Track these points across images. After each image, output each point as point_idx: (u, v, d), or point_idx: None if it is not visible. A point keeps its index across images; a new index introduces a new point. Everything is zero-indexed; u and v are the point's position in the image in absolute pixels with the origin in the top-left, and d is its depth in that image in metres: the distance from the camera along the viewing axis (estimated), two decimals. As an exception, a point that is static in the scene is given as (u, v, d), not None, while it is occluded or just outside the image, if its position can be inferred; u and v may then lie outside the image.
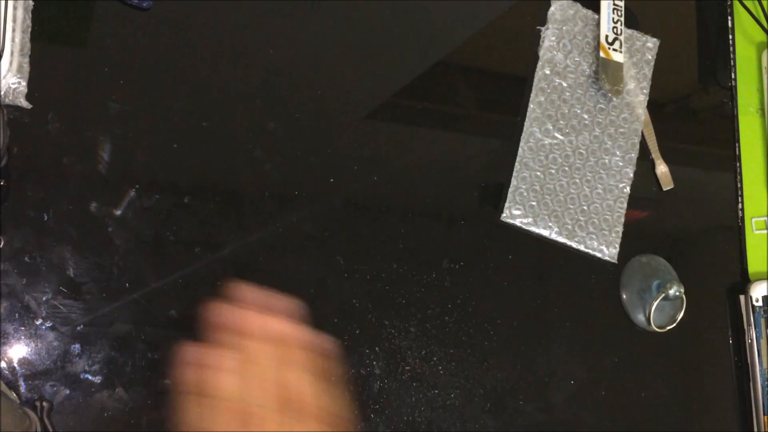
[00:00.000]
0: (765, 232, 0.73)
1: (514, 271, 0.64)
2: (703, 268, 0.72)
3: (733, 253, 0.72)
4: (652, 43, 0.71)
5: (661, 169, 0.70)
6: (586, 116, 0.68)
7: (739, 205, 0.74)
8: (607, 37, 0.68)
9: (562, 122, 0.67)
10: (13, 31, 0.52)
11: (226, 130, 0.58)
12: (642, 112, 0.69)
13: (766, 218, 0.73)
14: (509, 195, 0.65)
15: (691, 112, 0.75)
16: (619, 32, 0.69)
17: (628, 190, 0.68)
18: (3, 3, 0.51)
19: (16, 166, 0.52)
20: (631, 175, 0.68)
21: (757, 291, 0.70)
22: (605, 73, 0.67)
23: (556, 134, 0.66)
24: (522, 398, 0.62)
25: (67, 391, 0.51)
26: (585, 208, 0.66)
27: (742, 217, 0.73)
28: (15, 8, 0.52)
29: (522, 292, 0.64)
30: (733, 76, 0.77)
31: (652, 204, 0.71)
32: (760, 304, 0.69)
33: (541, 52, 0.68)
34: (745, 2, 0.76)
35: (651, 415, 0.66)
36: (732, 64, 0.77)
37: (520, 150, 0.66)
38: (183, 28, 0.59)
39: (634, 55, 0.71)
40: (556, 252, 0.66)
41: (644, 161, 0.70)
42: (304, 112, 0.61)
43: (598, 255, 0.66)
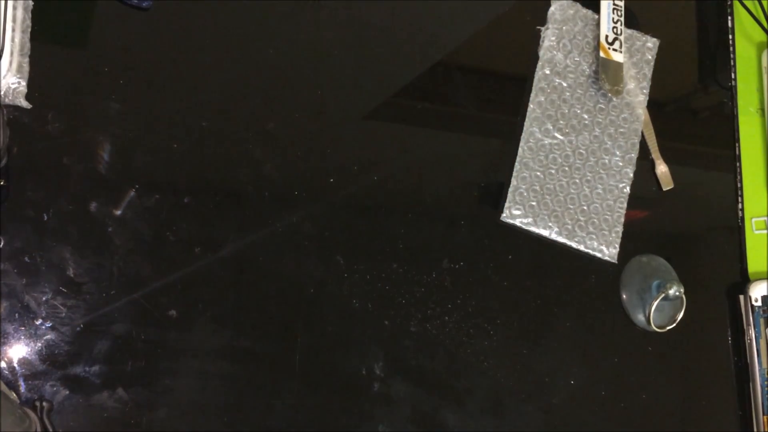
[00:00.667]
0: (765, 232, 0.73)
1: (514, 271, 0.64)
2: (703, 268, 0.72)
3: (733, 253, 0.72)
4: (652, 43, 0.71)
5: (661, 169, 0.70)
6: (586, 116, 0.68)
7: (739, 205, 0.74)
8: (607, 37, 0.68)
9: (562, 122, 0.67)
10: (13, 30, 0.52)
11: (226, 130, 0.58)
12: (642, 112, 0.69)
13: (766, 218, 0.73)
14: (509, 195, 0.65)
15: (691, 112, 0.75)
16: (619, 32, 0.69)
17: (628, 190, 0.68)
18: (3, 3, 0.51)
19: (16, 166, 0.52)
20: (631, 175, 0.68)
21: (757, 291, 0.70)
22: (605, 73, 0.67)
23: (556, 134, 0.66)
24: (522, 398, 0.62)
25: (67, 392, 0.51)
26: (585, 208, 0.66)
27: (742, 217, 0.73)
28: (15, 8, 0.52)
29: (522, 292, 0.64)
30: (733, 76, 0.77)
31: (651, 204, 0.71)
32: (760, 304, 0.69)
33: (541, 52, 0.68)
34: (745, 2, 0.76)
35: (651, 415, 0.66)
36: (732, 64, 0.77)
37: (520, 150, 0.66)
38: (183, 28, 0.59)
39: (634, 55, 0.71)
40: (556, 252, 0.66)
41: (644, 161, 0.70)
42: (304, 112, 0.61)
43: (598, 255, 0.66)
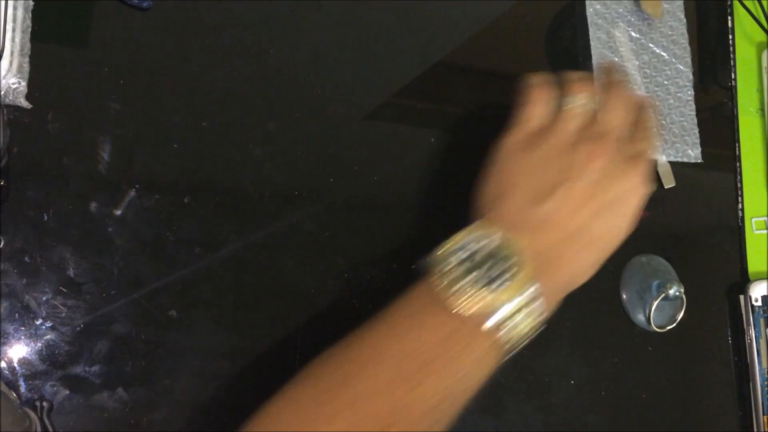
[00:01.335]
0: (765, 232, 0.73)
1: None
2: (703, 268, 0.72)
3: (733, 253, 0.72)
4: None
5: (664, 166, 0.70)
6: (641, 37, 0.71)
7: (739, 205, 0.74)
8: None
9: (622, 49, 0.70)
10: (13, 31, 0.52)
11: (226, 130, 0.58)
12: (683, 17, 0.73)
13: (766, 218, 0.73)
14: None
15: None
16: None
17: (692, 92, 0.72)
18: (3, 3, 0.51)
19: (16, 166, 0.52)
20: (691, 76, 0.72)
21: (757, 291, 0.70)
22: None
23: (623, 63, 0.70)
24: (522, 398, 0.62)
25: (68, 392, 0.51)
26: (663, 122, 0.70)
27: (742, 217, 0.73)
28: (15, 8, 0.52)
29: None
30: (733, 76, 0.76)
31: (651, 203, 0.71)
32: (760, 304, 0.69)
33: None
34: (745, 2, 0.76)
35: (651, 415, 0.66)
36: (732, 64, 0.77)
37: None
38: (183, 28, 0.59)
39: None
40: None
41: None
42: (305, 112, 0.61)
43: (685, 159, 0.70)
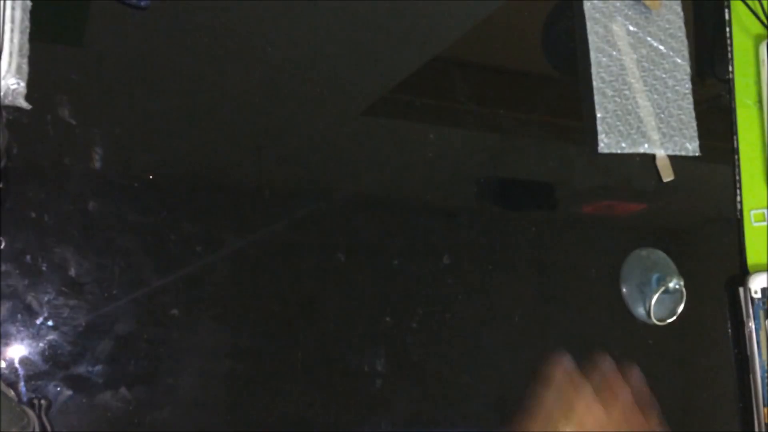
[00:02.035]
0: (764, 224, 0.73)
1: (514, 267, 0.64)
2: (702, 261, 0.72)
3: (732, 246, 0.72)
4: None
5: (662, 159, 0.70)
6: (638, 30, 0.71)
7: (738, 198, 0.74)
8: None
9: (620, 43, 0.70)
10: (12, 31, 0.52)
11: (226, 129, 0.58)
12: (680, 11, 0.73)
13: (764, 210, 0.74)
14: (599, 127, 0.68)
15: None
16: None
17: (689, 85, 0.72)
18: (1, 4, 0.51)
19: (17, 167, 0.52)
20: (688, 69, 0.72)
21: (756, 283, 0.70)
22: None
23: (621, 57, 0.70)
24: (523, 394, 0.63)
25: (71, 392, 0.51)
26: (662, 115, 0.70)
27: (741, 210, 0.73)
28: (13, 9, 0.52)
29: (522, 287, 0.64)
30: (731, 69, 0.77)
31: (650, 197, 0.71)
32: (759, 296, 0.70)
33: None
34: (742, -6, 0.76)
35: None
36: (729, 56, 0.77)
37: (595, 83, 0.69)
38: (181, 27, 0.59)
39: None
40: (556, 248, 0.66)
41: (645, 156, 0.70)
42: (303, 109, 0.61)
43: (683, 153, 0.70)
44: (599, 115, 0.69)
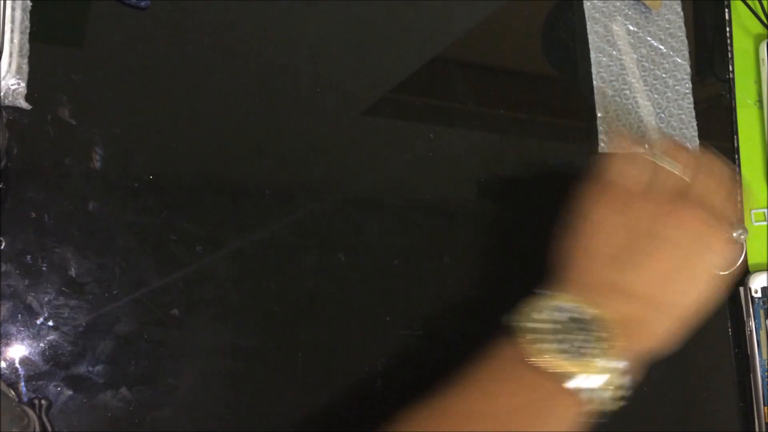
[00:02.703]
0: (764, 223, 0.73)
1: (515, 266, 0.64)
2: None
3: (733, 245, 0.72)
4: None
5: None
6: (638, 30, 0.71)
7: (738, 197, 0.74)
8: None
9: (620, 42, 0.70)
10: (12, 32, 0.52)
11: (225, 129, 0.58)
12: (680, 10, 0.73)
13: (765, 210, 0.74)
14: (599, 128, 0.68)
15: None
16: None
17: (690, 84, 0.72)
18: (1, 4, 0.51)
19: (17, 168, 0.52)
20: (689, 69, 0.72)
21: (757, 282, 0.70)
22: None
23: (621, 56, 0.70)
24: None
25: (71, 392, 0.51)
26: (662, 115, 0.70)
27: (741, 209, 0.73)
28: (13, 9, 0.52)
29: (522, 287, 0.64)
30: (731, 68, 0.77)
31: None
32: (760, 295, 0.70)
33: None
34: (743, -6, 0.76)
35: (651, 407, 0.66)
36: (729, 56, 0.77)
37: (595, 83, 0.69)
38: (181, 27, 0.59)
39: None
40: (556, 248, 0.66)
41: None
42: (303, 109, 0.61)
43: None
44: (599, 114, 0.69)
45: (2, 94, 0.51)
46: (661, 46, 0.71)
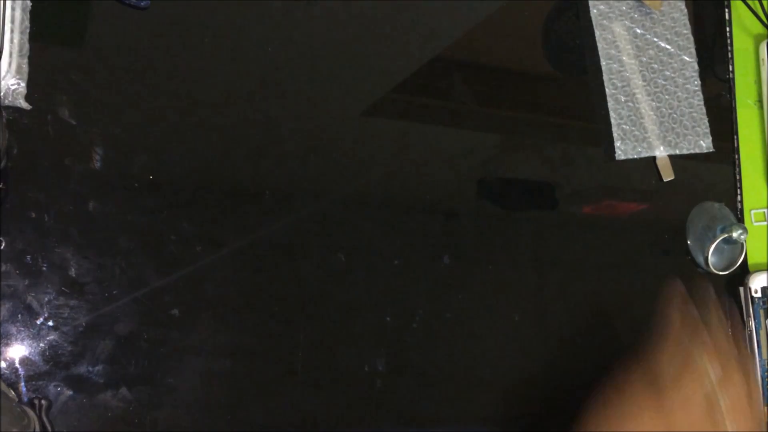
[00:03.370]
0: (764, 223, 0.73)
1: (515, 267, 0.64)
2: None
3: (732, 245, 0.72)
4: None
5: (662, 159, 0.70)
6: (645, 32, 0.71)
7: (738, 197, 0.74)
8: None
9: (629, 47, 0.70)
10: (12, 32, 0.52)
11: (225, 129, 0.58)
12: (684, 8, 0.73)
13: (765, 210, 0.74)
14: (614, 134, 0.68)
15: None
16: None
17: (698, 81, 0.72)
18: (1, 4, 0.51)
19: (17, 168, 0.52)
20: (696, 66, 0.72)
21: (756, 282, 0.70)
22: None
23: (630, 60, 0.70)
24: (524, 392, 0.63)
25: (71, 392, 0.51)
26: (674, 115, 0.70)
27: (741, 209, 0.73)
28: (13, 9, 0.52)
29: (522, 287, 0.64)
30: (731, 68, 0.77)
31: (651, 196, 0.71)
32: (760, 295, 0.70)
33: None
34: (743, -6, 0.76)
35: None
36: (729, 56, 0.77)
37: (607, 90, 0.69)
38: (181, 27, 0.59)
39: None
40: (556, 248, 0.66)
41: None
42: (303, 110, 0.61)
43: (697, 150, 0.70)
44: (614, 122, 0.69)
45: (2, 94, 0.51)
46: (668, 46, 0.71)
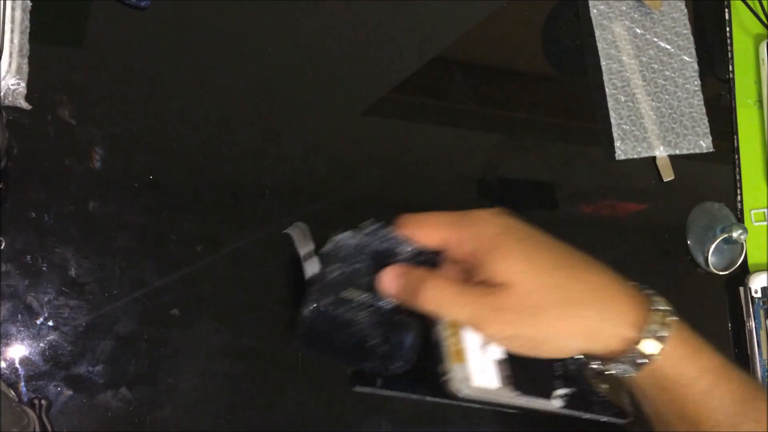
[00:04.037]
0: (764, 224, 0.73)
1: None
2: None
3: (732, 245, 0.72)
4: None
5: (662, 159, 0.70)
6: (645, 32, 0.71)
7: (738, 197, 0.74)
8: None
9: (629, 47, 0.70)
10: (12, 32, 0.52)
11: (225, 129, 0.58)
12: (684, 8, 0.73)
13: (765, 210, 0.74)
14: (614, 134, 0.68)
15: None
16: None
17: (698, 81, 0.72)
18: (1, 4, 0.51)
19: (17, 168, 0.52)
20: (696, 66, 0.72)
21: (756, 282, 0.70)
22: None
23: (630, 60, 0.70)
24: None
25: (71, 392, 0.51)
26: (674, 115, 0.70)
27: (741, 209, 0.74)
28: (13, 9, 0.52)
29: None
30: (731, 68, 0.77)
31: (651, 196, 0.71)
32: (759, 295, 0.70)
33: None
34: (742, -6, 0.76)
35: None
36: (730, 56, 0.77)
37: (607, 90, 0.69)
38: (181, 27, 0.59)
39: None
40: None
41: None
42: (303, 110, 0.61)
43: (697, 150, 0.70)
44: (614, 122, 0.69)
45: (2, 94, 0.51)
46: (668, 46, 0.71)
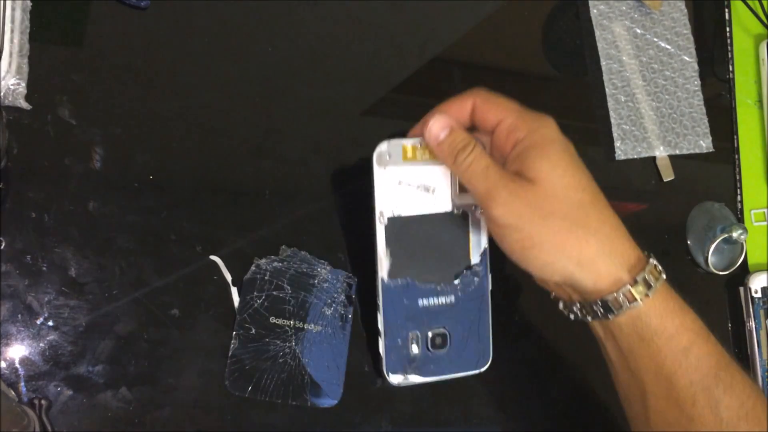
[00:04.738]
0: (764, 224, 0.73)
1: (514, 267, 0.64)
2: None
3: (732, 245, 0.72)
4: None
5: (662, 159, 0.70)
6: (645, 33, 0.71)
7: (738, 197, 0.74)
8: None
9: (629, 47, 0.70)
10: (12, 32, 0.52)
11: (225, 129, 0.58)
12: (684, 8, 0.73)
13: (765, 210, 0.74)
14: (614, 134, 0.69)
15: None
16: None
17: (698, 81, 0.72)
18: (1, 4, 0.51)
19: (17, 168, 0.52)
20: (696, 66, 0.72)
21: (756, 282, 0.70)
22: None
23: (630, 60, 0.70)
24: (523, 390, 0.63)
25: (71, 392, 0.51)
26: (674, 115, 0.70)
27: (741, 209, 0.74)
28: (13, 9, 0.52)
29: (523, 286, 0.64)
30: (731, 68, 0.77)
31: (651, 196, 0.71)
32: (760, 295, 0.70)
33: None
34: (743, -6, 0.76)
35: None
36: (730, 56, 0.77)
37: (607, 90, 0.69)
38: (181, 27, 0.59)
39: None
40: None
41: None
42: (303, 110, 0.61)
43: (697, 150, 0.71)
44: (614, 122, 0.69)
45: (2, 94, 0.51)
46: (668, 46, 0.71)
